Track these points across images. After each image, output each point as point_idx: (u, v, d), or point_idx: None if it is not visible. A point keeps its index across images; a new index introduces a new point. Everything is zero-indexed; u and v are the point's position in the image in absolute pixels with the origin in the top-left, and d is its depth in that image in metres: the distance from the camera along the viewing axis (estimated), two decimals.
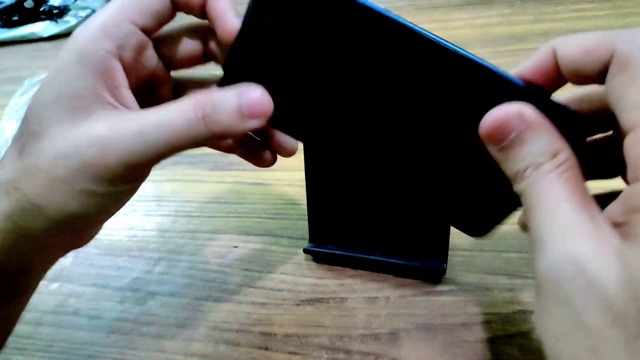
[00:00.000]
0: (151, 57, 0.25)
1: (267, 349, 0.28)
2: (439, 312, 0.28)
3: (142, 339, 0.30)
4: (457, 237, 0.28)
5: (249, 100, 0.22)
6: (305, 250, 0.32)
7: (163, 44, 0.25)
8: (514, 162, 0.19)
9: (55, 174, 0.21)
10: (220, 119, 0.22)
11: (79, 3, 0.67)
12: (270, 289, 0.31)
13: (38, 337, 0.31)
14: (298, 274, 0.32)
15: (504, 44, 0.45)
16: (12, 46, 0.66)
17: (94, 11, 0.66)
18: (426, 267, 0.30)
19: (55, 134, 0.21)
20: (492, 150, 0.20)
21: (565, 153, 0.18)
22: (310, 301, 0.30)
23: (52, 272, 0.35)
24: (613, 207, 0.18)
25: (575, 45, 0.18)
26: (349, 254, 0.31)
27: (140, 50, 0.24)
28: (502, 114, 0.19)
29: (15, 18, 0.67)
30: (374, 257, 0.31)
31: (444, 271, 0.29)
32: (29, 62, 0.62)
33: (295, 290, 0.31)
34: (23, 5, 0.66)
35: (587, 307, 0.15)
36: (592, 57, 0.18)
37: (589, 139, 0.20)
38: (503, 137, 0.19)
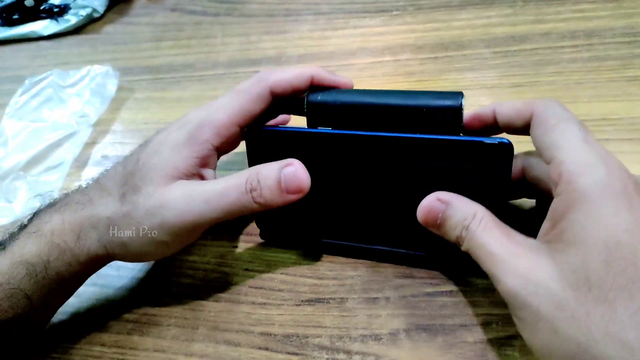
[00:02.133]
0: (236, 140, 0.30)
1: (267, 349, 0.28)
2: (440, 312, 0.28)
3: (142, 339, 0.30)
4: None
5: (286, 174, 0.26)
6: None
7: None
8: (451, 233, 0.25)
9: (143, 225, 0.27)
10: (263, 193, 0.26)
11: (79, 2, 0.66)
12: (270, 289, 0.31)
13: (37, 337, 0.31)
14: (298, 274, 0.32)
15: (505, 45, 0.45)
16: (13, 45, 0.66)
17: (94, 10, 0.66)
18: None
19: (149, 192, 0.27)
20: (434, 230, 0.26)
21: (480, 211, 0.24)
22: (310, 301, 0.30)
23: None
24: (545, 223, 0.22)
25: (509, 107, 0.25)
26: (352, 244, 0.31)
27: (233, 141, 0.30)
28: (426, 204, 0.25)
29: (16, 17, 0.67)
30: (376, 247, 0.31)
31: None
32: (29, 61, 0.62)
33: (295, 290, 0.31)
34: (23, 3, 0.66)
35: (540, 303, 0.20)
36: (520, 115, 0.25)
37: None
38: (435, 219, 0.25)
